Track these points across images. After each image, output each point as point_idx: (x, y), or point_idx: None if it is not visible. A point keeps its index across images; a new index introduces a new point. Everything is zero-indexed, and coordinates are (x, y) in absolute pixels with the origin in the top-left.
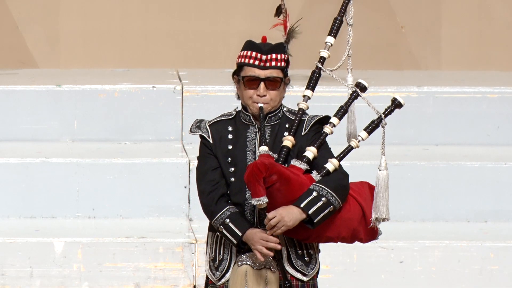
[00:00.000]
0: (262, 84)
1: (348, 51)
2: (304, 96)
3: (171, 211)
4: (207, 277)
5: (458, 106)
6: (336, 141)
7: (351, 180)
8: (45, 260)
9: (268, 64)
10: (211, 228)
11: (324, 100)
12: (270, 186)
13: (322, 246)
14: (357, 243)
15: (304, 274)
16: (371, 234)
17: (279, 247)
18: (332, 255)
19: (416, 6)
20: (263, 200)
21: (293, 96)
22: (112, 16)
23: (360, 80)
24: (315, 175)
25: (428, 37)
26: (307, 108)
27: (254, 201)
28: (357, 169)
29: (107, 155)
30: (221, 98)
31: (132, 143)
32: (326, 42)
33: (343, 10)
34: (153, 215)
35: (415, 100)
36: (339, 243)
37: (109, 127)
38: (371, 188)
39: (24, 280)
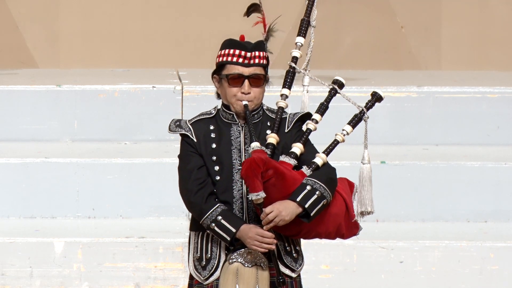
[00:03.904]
0: (246, 82)
1: (309, 53)
2: (282, 95)
3: (171, 211)
4: (191, 277)
5: (458, 106)
6: (319, 141)
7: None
8: (45, 260)
9: (252, 61)
10: (194, 228)
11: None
12: (266, 181)
13: (321, 246)
14: (357, 243)
15: (292, 270)
16: (352, 230)
17: (273, 247)
18: (332, 255)
19: (416, 6)
20: (261, 195)
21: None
22: (112, 16)
23: (337, 77)
24: (305, 169)
25: (428, 37)
26: (287, 106)
27: (253, 196)
28: (357, 168)
29: (107, 155)
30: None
31: (132, 143)
32: (296, 43)
33: (308, 11)
34: (153, 215)
35: (415, 100)
36: (339, 243)
37: (109, 127)
38: (350, 185)
39: (24, 280)
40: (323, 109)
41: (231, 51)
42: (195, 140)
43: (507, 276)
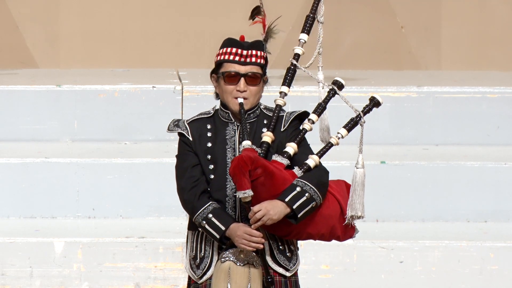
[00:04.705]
0: (242, 80)
1: (319, 49)
2: (280, 92)
3: (171, 211)
4: (189, 277)
5: (458, 106)
6: (316, 140)
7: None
8: (45, 260)
9: (248, 60)
10: (191, 227)
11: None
12: (255, 179)
13: (321, 246)
14: (357, 243)
15: (286, 269)
16: (348, 232)
17: (261, 246)
18: (332, 255)
19: (416, 6)
20: (249, 193)
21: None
22: (112, 16)
23: (337, 78)
24: (296, 170)
25: (428, 37)
26: (284, 104)
27: (240, 194)
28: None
29: (107, 155)
30: None
31: (132, 143)
32: (299, 39)
33: (314, 8)
34: (153, 215)
35: (415, 100)
36: (339, 243)
37: (109, 127)
38: (347, 187)
39: (24, 280)
40: (320, 109)
41: (228, 50)
42: (191, 139)
43: (507, 276)
